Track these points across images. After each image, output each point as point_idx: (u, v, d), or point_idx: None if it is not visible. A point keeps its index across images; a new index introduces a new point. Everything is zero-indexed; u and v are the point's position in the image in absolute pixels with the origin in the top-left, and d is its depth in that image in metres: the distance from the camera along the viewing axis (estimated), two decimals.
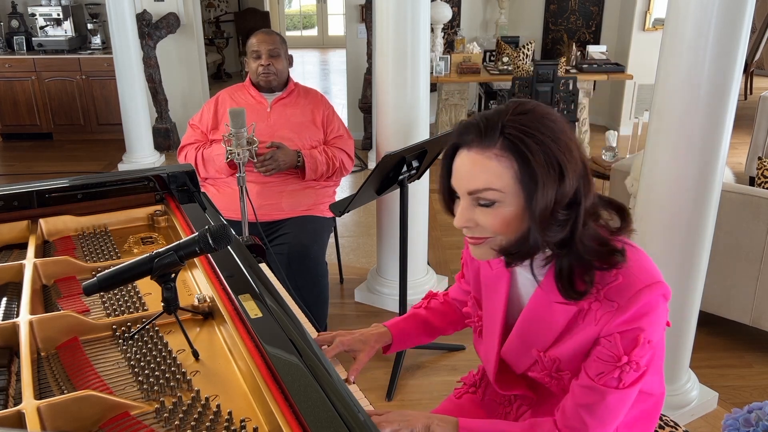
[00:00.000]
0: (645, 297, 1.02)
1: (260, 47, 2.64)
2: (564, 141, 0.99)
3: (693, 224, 2.03)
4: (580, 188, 1.01)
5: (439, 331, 1.44)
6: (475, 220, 1.04)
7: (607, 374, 1.04)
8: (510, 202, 1.00)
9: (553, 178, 0.98)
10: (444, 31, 5.80)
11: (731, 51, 1.84)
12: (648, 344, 1.03)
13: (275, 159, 2.51)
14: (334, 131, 2.74)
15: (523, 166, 0.97)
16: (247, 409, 1.05)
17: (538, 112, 1.01)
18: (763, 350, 2.74)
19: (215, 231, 1.19)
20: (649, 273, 1.04)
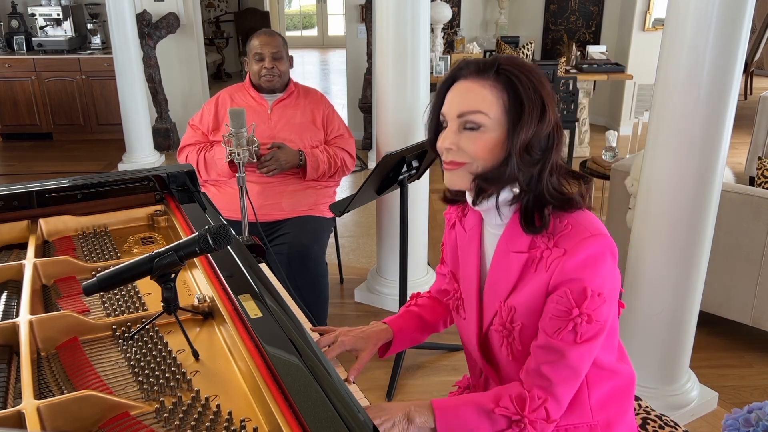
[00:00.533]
0: (590, 246, 1.09)
1: (264, 50, 2.63)
2: (547, 89, 1.11)
3: (693, 224, 2.03)
4: (554, 136, 1.11)
5: (430, 326, 1.46)
6: (458, 143, 1.12)
7: (563, 329, 1.10)
8: (494, 129, 1.10)
9: (537, 114, 1.09)
10: (444, 31, 5.80)
11: (731, 51, 1.84)
12: (598, 297, 1.09)
13: (277, 159, 2.51)
14: (334, 130, 2.74)
15: (513, 98, 1.09)
16: (247, 409, 1.05)
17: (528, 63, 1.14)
18: (763, 350, 2.74)
19: (215, 231, 1.19)
20: (596, 226, 1.13)
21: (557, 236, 1.12)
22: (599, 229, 1.12)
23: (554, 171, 1.13)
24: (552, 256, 1.11)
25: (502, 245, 1.20)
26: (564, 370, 1.11)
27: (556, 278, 1.10)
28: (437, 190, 4.70)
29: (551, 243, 1.12)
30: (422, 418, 1.14)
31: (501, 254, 1.20)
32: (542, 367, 1.12)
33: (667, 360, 2.23)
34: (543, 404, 1.12)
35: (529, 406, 1.11)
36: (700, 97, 1.89)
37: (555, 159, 1.12)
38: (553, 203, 1.13)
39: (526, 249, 1.15)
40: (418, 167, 2.37)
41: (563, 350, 1.11)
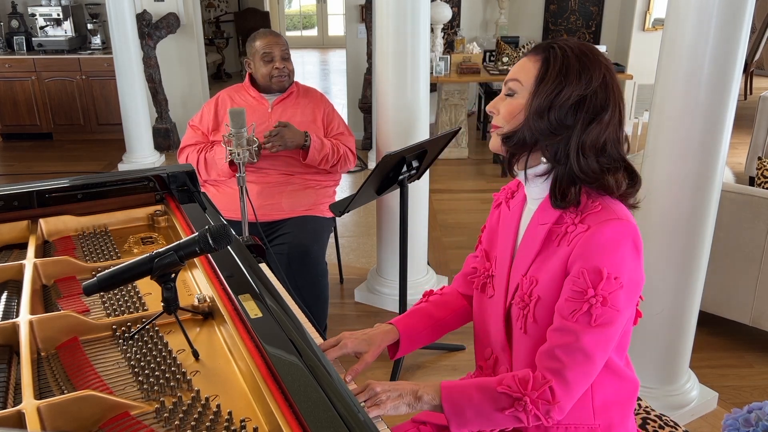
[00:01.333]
0: (614, 228, 1.11)
1: (273, 50, 2.63)
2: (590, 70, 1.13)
3: (693, 224, 2.03)
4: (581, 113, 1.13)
5: (444, 323, 1.44)
6: (498, 107, 1.21)
7: (577, 311, 1.11)
8: (522, 95, 1.17)
9: (556, 84, 1.12)
10: (444, 31, 5.80)
11: (731, 51, 1.84)
12: (614, 280, 1.10)
13: (282, 136, 2.51)
14: (335, 129, 2.74)
15: (544, 68, 1.14)
16: (247, 409, 1.05)
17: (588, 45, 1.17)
18: (763, 350, 2.74)
19: (215, 231, 1.19)
20: (626, 213, 1.15)
21: (585, 213, 1.14)
22: (627, 216, 1.14)
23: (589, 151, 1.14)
24: (576, 232, 1.13)
25: (534, 219, 1.23)
26: (577, 353, 1.11)
27: (576, 253, 1.12)
28: (437, 190, 4.70)
29: (578, 219, 1.15)
30: (429, 396, 1.18)
31: (531, 227, 1.23)
32: (556, 349, 1.13)
33: (667, 360, 2.23)
34: (547, 384, 1.11)
35: (532, 386, 1.12)
36: (700, 97, 1.89)
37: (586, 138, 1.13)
38: (586, 181, 1.15)
39: (552, 222, 1.18)
40: (418, 167, 2.37)
41: (577, 332, 1.11)
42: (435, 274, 3.23)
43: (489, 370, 1.34)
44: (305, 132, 2.58)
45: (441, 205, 4.46)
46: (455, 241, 3.89)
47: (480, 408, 1.15)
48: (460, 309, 1.46)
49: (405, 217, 2.43)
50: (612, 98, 1.14)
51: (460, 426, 1.16)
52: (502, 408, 1.13)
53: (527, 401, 1.11)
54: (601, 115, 1.13)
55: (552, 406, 1.12)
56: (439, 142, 2.43)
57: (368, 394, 1.18)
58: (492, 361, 1.33)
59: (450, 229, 4.08)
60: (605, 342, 1.13)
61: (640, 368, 2.18)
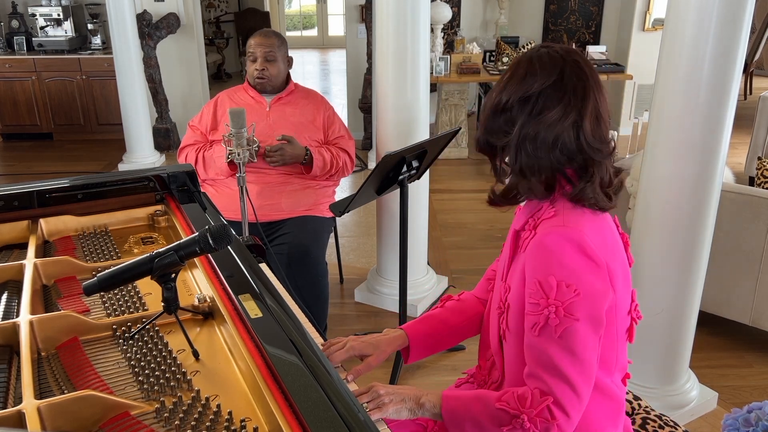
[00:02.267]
0: (558, 235, 1.10)
1: (256, 50, 2.63)
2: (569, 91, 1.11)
3: (693, 224, 2.03)
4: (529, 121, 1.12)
5: (458, 330, 1.42)
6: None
7: (538, 324, 1.10)
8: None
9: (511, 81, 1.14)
10: (444, 31, 5.80)
11: (731, 51, 1.84)
12: (567, 288, 1.08)
13: (282, 154, 2.52)
14: (335, 132, 2.74)
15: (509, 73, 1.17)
16: (247, 409, 1.05)
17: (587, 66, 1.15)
18: (763, 350, 2.74)
19: (215, 231, 1.19)
20: (576, 222, 1.12)
21: (541, 219, 1.15)
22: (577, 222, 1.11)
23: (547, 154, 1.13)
24: (529, 237, 1.15)
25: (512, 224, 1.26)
26: (552, 372, 1.09)
27: (527, 263, 1.13)
28: (437, 190, 4.70)
29: (533, 224, 1.16)
30: (431, 403, 1.17)
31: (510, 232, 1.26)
32: (537, 370, 1.12)
33: (667, 360, 2.23)
34: (545, 402, 1.10)
35: (530, 403, 1.10)
36: (700, 97, 1.89)
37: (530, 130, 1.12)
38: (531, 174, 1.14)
39: (520, 227, 1.21)
40: (418, 167, 2.37)
41: (544, 348, 1.10)
42: (435, 274, 3.23)
43: (486, 370, 1.35)
44: (306, 148, 2.59)
45: (441, 205, 4.46)
46: (455, 241, 3.89)
47: (479, 422, 1.14)
48: (475, 316, 1.44)
49: (405, 217, 2.42)
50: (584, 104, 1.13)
51: None
52: (500, 424, 1.12)
53: (524, 419, 1.10)
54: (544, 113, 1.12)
55: (551, 424, 1.10)
56: (439, 142, 2.43)
57: (371, 396, 1.18)
58: (490, 362, 1.33)
59: (450, 229, 4.08)
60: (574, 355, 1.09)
61: (641, 368, 2.19)
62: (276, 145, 2.52)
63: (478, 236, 3.95)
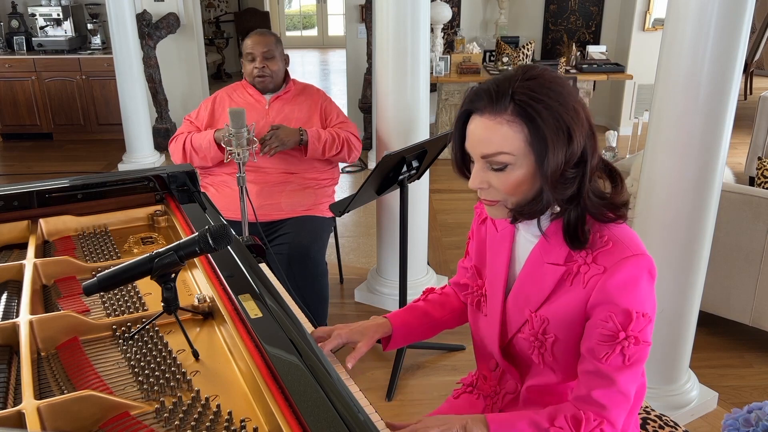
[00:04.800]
0: (632, 266, 1.06)
1: (254, 49, 2.64)
2: (571, 104, 1.05)
3: (693, 224, 2.03)
4: (587, 147, 1.07)
5: (440, 323, 1.43)
6: (488, 182, 1.10)
7: (611, 354, 1.08)
8: (521, 165, 1.06)
9: (563, 140, 1.03)
10: (444, 31, 5.80)
11: (731, 51, 1.84)
12: (643, 318, 1.07)
13: (278, 137, 2.53)
14: (334, 119, 2.75)
15: (534, 130, 1.03)
16: (247, 409, 1.05)
17: (546, 77, 1.06)
18: (763, 350, 2.74)
19: (215, 231, 1.19)
20: (637, 244, 1.10)
21: (596, 252, 1.09)
22: (640, 248, 1.09)
23: (593, 176, 1.09)
24: (590, 273, 1.09)
25: (536, 254, 1.17)
26: (616, 395, 1.10)
27: (596, 298, 1.08)
28: (437, 190, 4.70)
29: (590, 258, 1.09)
30: (479, 429, 1.13)
31: (535, 264, 1.17)
32: (593, 393, 1.10)
33: (667, 360, 2.23)
34: (599, 426, 1.10)
35: (585, 428, 1.09)
36: (700, 97, 1.89)
37: (592, 165, 1.08)
38: (596, 215, 1.09)
39: (563, 262, 1.12)
40: (418, 167, 2.37)
41: (612, 375, 1.09)
42: (435, 274, 3.23)
43: (495, 380, 1.33)
44: (299, 128, 2.60)
45: (441, 205, 4.46)
46: (455, 241, 3.89)
47: None
48: (457, 310, 1.45)
49: (405, 217, 2.42)
50: (588, 113, 1.09)
51: None
52: None
53: None
54: (594, 139, 1.09)
55: None
56: (439, 142, 2.43)
57: None
58: (498, 372, 1.32)
59: (450, 229, 4.08)
60: (639, 374, 1.12)
61: None
62: (268, 133, 2.54)
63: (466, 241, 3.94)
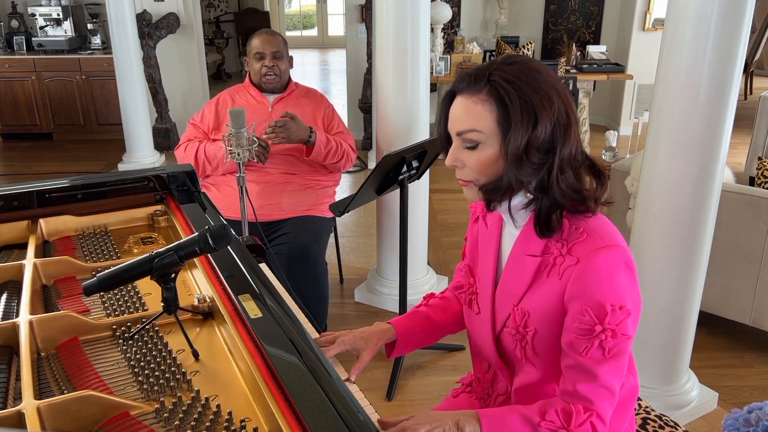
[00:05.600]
0: (604, 258, 1.07)
1: (264, 49, 2.63)
2: (545, 91, 1.07)
3: (693, 224, 2.03)
4: (557, 136, 1.08)
5: (442, 327, 1.43)
6: (462, 160, 1.14)
7: (590, 348, 1.09)
8: (491, 144, 1.10)
9: (527, 122, 1.06)
10: (444, 31, 5.80)
11: (731, 51, 1.84)
12: (620, 310, 1.08)
13: (287, 128, 2.50)
14: (335, 128, 2.75)
15: (502, 110, 1.07)
16: (247, 409, 1.05)
17: (524, 64, 1.10)
18: (763, 350, 2.74)
19: (215, 231, 1.19)
20: (612, 236, 1.11)
21: (571, 243, 1.11)
22: (614, 239, 1.10)
23: (566, 166, 1.10)
24: (565, 264, 1.10)
25: (517, 247, 1.19)
26: (599, 389, 1.10)
27: (571, 290, 1.09)
28: (437, 190, 4.70)
29: (564, 250, 1.11)
30: (471, 427, 1.13)
31: (516, 256, 1.19)
32: (578, 387, 1.11)
33: (667, 360, 2.23)
34: (589, 419, 1.10)
35: (575, 421, 1.10)
36: (700, 97, 1.89)
37: (564, 155, 1.09)
38: (567, 206, 1.11)
39: (540, 253, 1.14)
40: (418, 167, 2.37)
41: (594, 369, 1.09)
42: (435, 274, 3.23)
43: (487, 383, 1.34)
44: (310, 127, 2.58)
45: (441, 205, 4.47)
46: (455, 241, 3.89)
47: None
48: (459, 313, 1.45)
49: (405, 217, 2.43)
50: (569, 105, 1.10)
51: None
52: None
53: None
54: (569, 130, 1.09)
55: None
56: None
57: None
58: (491, 375, 1.32)
59: (450, 229, 4.08)
60: (621, 369, 1.12)
61: (641, 368, 2.19)
62: (281, 120, 2.50)
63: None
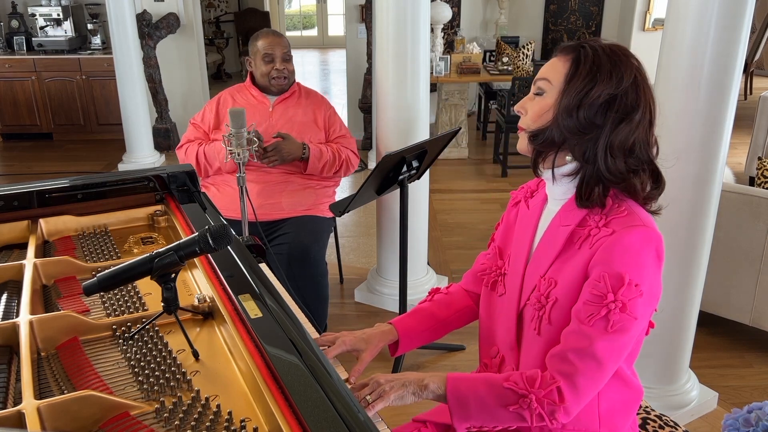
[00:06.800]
0: (639, 234, 1.10)
1: (274, 50, 2.62)
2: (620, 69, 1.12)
3: (693, 224, 2.03)
4: (611, 112, 1.11)
5: (446, 323, 1.43)
6: (525, 107, 1.20)
7: (595, 315, 1.10)
8: (551, 95, 1.16)
9: (586, 81, 1.11)
10: (444, 31, 5.80)
11: (731, 51, 1.84)
12: (635, 287, 1.08)
13: (279, 150, 2.51)
14: (336, 131, 2.75)
15: (573, 68, 1.14)
16: (247, 409, 1.05)
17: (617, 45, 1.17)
18: (763, 350, 2.74)
19: (215, 231, 1.19)
20: (651, 221, 1.14)
21: (611, 217, 1.13)
22: (653, 224, 1.13)
23: (617, 151, 1.12)
24: (600, 235, 1.12)
25: (555, 220, 1.21)
26: (589, 360, 1.10)
27: (598, 257, 1.11)
28: (437, 190, 4.70)
29: (602, 222, 1.13)
30: (435, 385, 1.17)
31: (552, 229, 1.22)
32: (568, 353, 1.11)
33: (667, 360, 2.23)
34: (555, 384, 1.10)
35: (539, 384, 1.11)
36: (700, 97, 1.89)
37: (615, 139, 1.11)
38: (612, 181, 1.14)
39: (575, 224, 1.17)
40: (418, 167, 2.37)
41: (592, 337, 1.10)
42: (435, 274, 3.23)
43: (494, 368, 1.33)
44: (303, 143, 2.58)
45: (441, 205, 4.46)
46: (455, 241, 3.89)
47: (484, 402, 1.14)
48: (463, 308, 1.45)
49: (405, 217, 2.43)
50: (643, 98, 1.13)
51: (462, 419, 1.15)
52: (506, 404, 1.12)
53: (532, 399, 1.10)
54: (631, 115, 1.12)
55: (557, 408, 1.10)
56: (439, 142, 2.43)
57: (372, 387, 1.18)
58: (498, 360, 1.32)
59: (450, 229, 4.08)
60: (618, 349, 1.12)
61: (641, 368, 2.19)
62: (272, 144, 2.51)
63: (478, 236, 3.95)
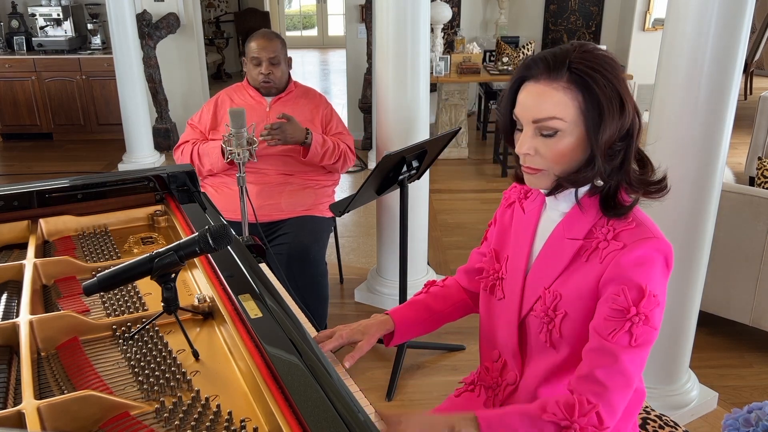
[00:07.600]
0: (651, 246, 1.09)
1: (260, 54, 2.62)
2: (622, 78, 1.08)
3: (693, 224, 2.03)
4: (635, 122, 1.09)
5: (442, 316, 1.42)
6: (536, 148, 1.11)
7: (618, 330, 1.07)
8: (571, 132, 1.08)
9: (616, 110, 1.06)
10: (444, 31, 5.80)
11: (731, 51, 1.84)
12: (654, 298, 1.08)
13: (283, 130, 2.49)
14: (333, 128, 2.74)
15: (589, 98, 1.06)
16: (247, 409, 1.05)
17: (600, 52, 1.10)
18: (763, 350, 2.74)
19: (215, 231, 1.19)
20: (658, 231, 1.14)
21: (619, 230, 1.11)
22: (661, 234, 1.13)
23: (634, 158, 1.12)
24: (609, 249, 1.10)
25: (558, 231, 1.18)
26: (618, 376, 1.08)
27: (611, 272, 1.08)
28: (437, 190, 4.70)
29: (610, 235, 1.11)
30: (468, 430, 1.09)
31: (555, 239, 1.18)
32: (596, 371, 1.08)
33: (667, 360, 2.23)
34: (593, 410, 1.07)
35: (579, 411, 1.07)
36: (700, 97, 1.89)
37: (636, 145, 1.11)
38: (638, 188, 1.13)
39: (582, 237, 1.14)
40: (418, 167, 2.37)
41: (617, 353, 1.07)
42: (435, 274, 3.23)
43: (496, 372, 1.31)
44: (307, 129, 2.58)
45: (441, 205, 4.46)
46: (455, 241, 3.89)
47: None
48: (459, 302, 1.44)
49: (405, 217, 2.42)
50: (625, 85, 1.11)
51: None
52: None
53: (576, 428, 1.06)
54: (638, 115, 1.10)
55: (600, 430, 1.08)
56: (439, 142, 2.43)
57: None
58: (500, 364, 1.31)
59: (450, 229, 4.08)
60: (642, 361, 1.10)
61: None
62: (276, 122, 2.50)
63: (478, 236, 3.93)
